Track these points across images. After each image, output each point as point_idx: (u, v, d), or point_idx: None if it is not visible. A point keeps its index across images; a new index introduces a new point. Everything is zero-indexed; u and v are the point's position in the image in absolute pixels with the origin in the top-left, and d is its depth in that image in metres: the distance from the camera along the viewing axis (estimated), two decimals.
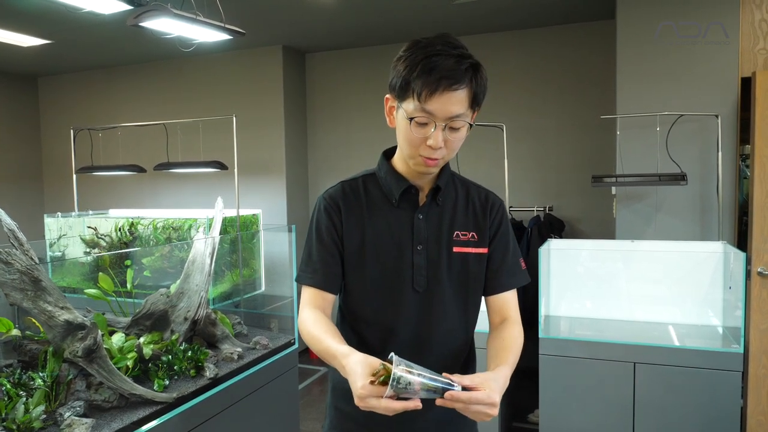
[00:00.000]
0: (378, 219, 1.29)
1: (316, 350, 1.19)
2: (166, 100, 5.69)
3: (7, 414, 1.57)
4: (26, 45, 4.77)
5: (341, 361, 1.08)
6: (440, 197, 1.30)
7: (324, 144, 5.49)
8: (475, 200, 1.34)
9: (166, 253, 3.41)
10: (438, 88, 1.11)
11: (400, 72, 1.16)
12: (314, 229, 1.31)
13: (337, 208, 1.29)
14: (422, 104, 1.13)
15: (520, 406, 3.76)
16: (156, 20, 2.60)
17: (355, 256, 1.28)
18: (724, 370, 2.60)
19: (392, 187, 1.29)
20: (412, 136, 1.17)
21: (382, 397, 0.96)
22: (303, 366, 4.86)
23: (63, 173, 6.08)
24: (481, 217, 1.33)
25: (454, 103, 1.13)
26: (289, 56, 5.24)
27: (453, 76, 1.11)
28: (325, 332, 1.18)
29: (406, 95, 1.15)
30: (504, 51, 4.74)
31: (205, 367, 2.10)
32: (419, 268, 1.27)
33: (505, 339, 1.26)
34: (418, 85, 1.12)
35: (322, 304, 1.28)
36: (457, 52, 1.14)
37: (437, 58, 1.12)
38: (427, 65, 1.12)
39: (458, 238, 1.30)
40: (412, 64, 1.13)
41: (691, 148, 3.44)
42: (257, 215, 4.31)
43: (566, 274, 3.26)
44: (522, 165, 4.69)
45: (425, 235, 1.28)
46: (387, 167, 1.32)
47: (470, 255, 1.30)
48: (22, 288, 1.72)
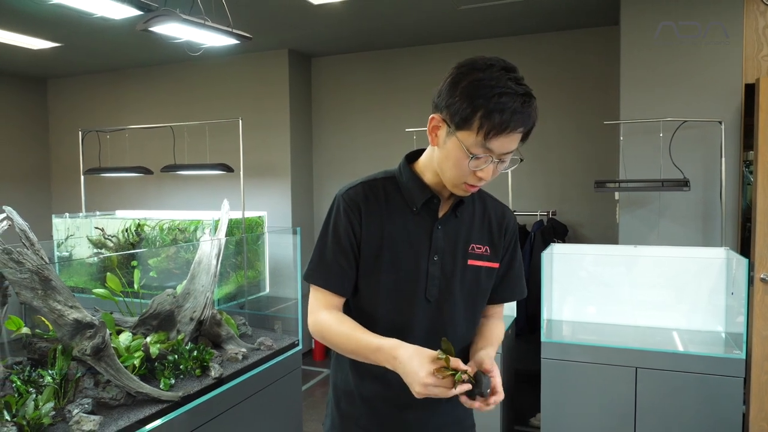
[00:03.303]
0: (397, 225, 1.27)
1: (348, 348, 1.20)
2: (173, 102, 5.74)
3: (18, 410, 1.60)
4: (36, 48, 4.83)
5: (391, 353, 1.11)
6: (459, 209, 1.31)
7: (329, 147, 5.52)
8: (491, 215, 1.35)
9: (172, 254, 3.44)
10: (506, 130, 1.10)
11: (461, 103, 1.12)
12: (331, 228, 1.28)
13: (357, 210, 1.27)
14: (485, 142, 1.12)
15: (522, 409, 3.77)
16: (165, 25, 2.63)
17: (371, 260, 1.27)
18: (726, 375, 2.61)
19: (414, 195, 1.28)
20: (465, 167, 1.16)
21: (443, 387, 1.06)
22: (307, 368, 4.88)
23: (71, 174, 6.13)
24: (497, 234, 1.34)
25: (513, 141, 1.14)
26: (295, 60, 5.28)
27: (522, 121, 1.11)
28: (356, 328, 1.20)
29: (468, 128, 1.12)
30: (508, 56, 4.59)
31: (210, 366, 2.13)
32: (433, 278, 1.27)
33: (492, 329, 1.38)
34: (486, 125, 1.10)
35: (337, 306, 1.28)
36: (522, 90, 1.11)
37: (506, 99, 1.09)
38: (497, 106, 1.09)
39: (473, 251, 1.30)
40: (478, 97, 1.10)
41: (694, 154, 3.45)
42: (262, 217, 4.35)
43: (569, 278, 3.27)
44: (526, 169, 4.69)
45: (442, 246, 1.28)
46: (410, 173, 1.29)
47: (483, 268, 1.32)
48: (32, 287, 1.76)
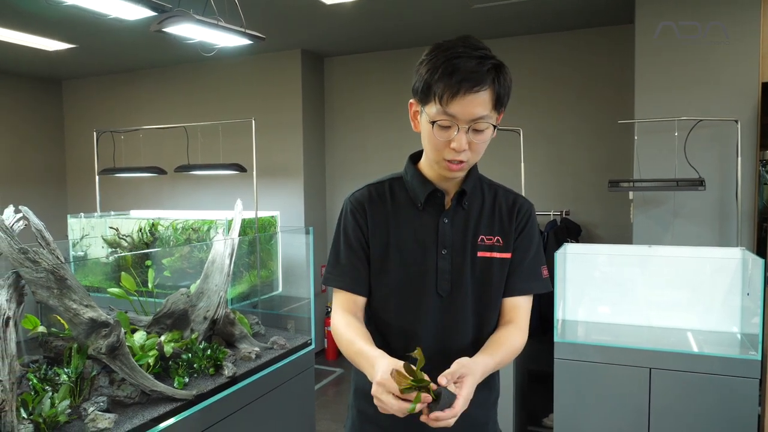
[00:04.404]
0: (403, 222, 1.28)
1: (348, 354, 1.20)
2: (187, 103, 5.78)
3: (34, 408, 1.62)
4: (51, 49, 4.89)
5: (372, 362, 1.08)
6: (466, 201, 1.28)
7: (342, 147, 5.53)
8: (502, 204, 1.31)
9: (185, 253, 3.47)
10: (460, 90, 1.10)
11: (422, 76, 1.14)
12: (341, 231, 1.30)
13: (363, 210, 1.29)
14: (444, 107, 1.12)
15: (535, 410, 3.76)
16: (179, 26, 2.65)
17: (379, 259, 1.27)
18: (742, 377, 2.58)
19: (418, 191, 1.28)
20: (435, 140, 1.16)
21: (396, 395, 0.98)
22: (319, 367, 4.89)
23: (86, 174, 6.19)
24: (507, 222, 1.30)
25: (476, 105, 1.12)
26: (308, 60, 5.29)
27: (474, 78, 1.10)
28: (356, 335, 1.19)
29: (429, 99, 1.14)
30: (522, 55, 4.73)
31: (224, 365, 2.15)
32: (443, 273, 1.26)
33: (501, 337, 1.25)
34: (440, 88, 1.11)
35: (353, 307, 1.28)
36: (479, 53, 1.12)
37: (458, 60, 1.10)
38: (448, 68, 1.10)
39: (483, 243, 1.27)
40: (434, 67, 1.12)
41: (709, 153, 3.42)
42: (275, 217, 4.37)
43: (583, 278, 3.25)
44: (539, 169, 4.68)
45: (450, 240, 1.26)
46: (413, 171, 1.30)
47: (494, 260, 1.28)
48: (48, 286, 1.78)
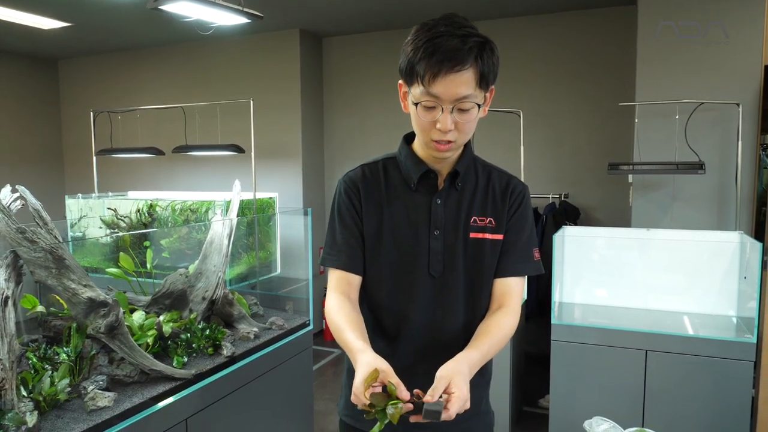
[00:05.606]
0: (396, 203, 1.28)
1: (338, 340, 1.21)
2: (185, 83, 5.73)
3: (34, 386, 1.63)
4: (47, 28, 4.82)
5: (354, 356, 1.10)
6: (459, 182, 1.27)
7: (340, 128, 5.50)
8: (495, 185, 1.30)
9: (184, 234, 3.47)
10: (441, 70, 1.09)
11: (407, 56, 1.14)
12: (336, 211, 1.31)
13: (356, 190, 1.29)
14: (427, 88, 1.11)
15: (531, 391, 3.79)
16: (175, 3, 2.62)
17: (372, 239, 1.28)
18: (737, 359, 2.61)
19: (411, 171, 1.27)
20: (421, 120, 1.16)
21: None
22: (317, 347, 4.92)
23: (83, 155, 6.16)
24: (500, 203, 1.29)
25: (459, 85, 1.10)
26: (307, 40, 5.24)
27: (456, 57, 1.08)
28: (346, 323, 1.19)
29: (413, 80, 1.14)
30: (521, 36, 4.69)
31: (223, 345, 2.16)
32: (436, 253, 1.26)
33: (490, 325, 1.23)
34: (422, 69, 1.10)
35: (348, 288, 1.28)
36: (462, 32, 1.10)
37: (440, 40, 1.09)
38: (429, 47, 1.09)
39: (475, 224, 1.27)
40: (416, 48, 1.11)
41: (710, 136, 3.41)
42: (274, 198, 4.36)
43: (581, 261, 3.25)
44: (538, 152, 4.66)
45: (443, 220, 1.26)
46: (407, 151, 1.29)
47: (486, 241, 1.27)
48: (46, 266, 1.77)
